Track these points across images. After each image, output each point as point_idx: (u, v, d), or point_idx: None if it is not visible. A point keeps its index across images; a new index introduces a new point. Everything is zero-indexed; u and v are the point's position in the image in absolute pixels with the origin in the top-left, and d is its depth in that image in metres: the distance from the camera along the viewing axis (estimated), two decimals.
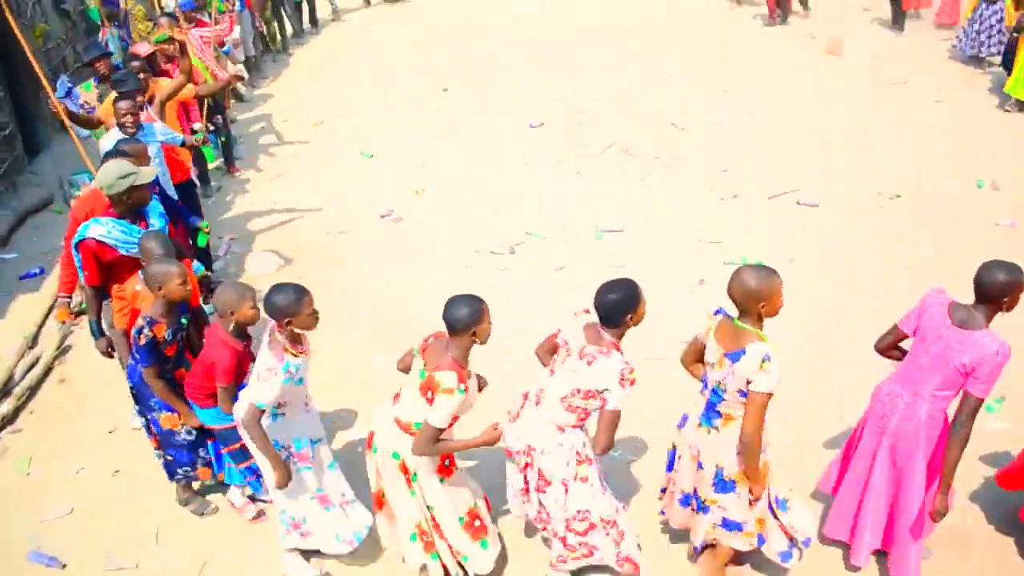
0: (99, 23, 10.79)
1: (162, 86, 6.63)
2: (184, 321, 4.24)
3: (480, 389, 3.75)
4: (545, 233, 7.46)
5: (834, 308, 6.20)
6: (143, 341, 3.96)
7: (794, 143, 9.18)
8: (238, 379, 3.97)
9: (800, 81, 11.05)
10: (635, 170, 8.65)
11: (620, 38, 12.96)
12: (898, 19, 12.88)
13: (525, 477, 3.74)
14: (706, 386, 3.59)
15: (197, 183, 7.21)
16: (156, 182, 5.20)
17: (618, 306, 3.45)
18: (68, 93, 9.77)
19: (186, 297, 4.07)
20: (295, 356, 3.72)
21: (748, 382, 3.31)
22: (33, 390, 5.77)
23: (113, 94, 6.02)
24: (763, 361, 3.25)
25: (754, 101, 10.40)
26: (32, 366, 5.92)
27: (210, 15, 8.87)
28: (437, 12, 14.95)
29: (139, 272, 4.25)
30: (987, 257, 3.56)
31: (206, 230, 5.88)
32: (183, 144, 6.28)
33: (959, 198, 7.91)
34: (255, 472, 4.33)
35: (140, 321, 4.00)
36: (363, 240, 7.52)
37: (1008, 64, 10.24)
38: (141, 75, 6.44)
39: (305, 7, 13.76)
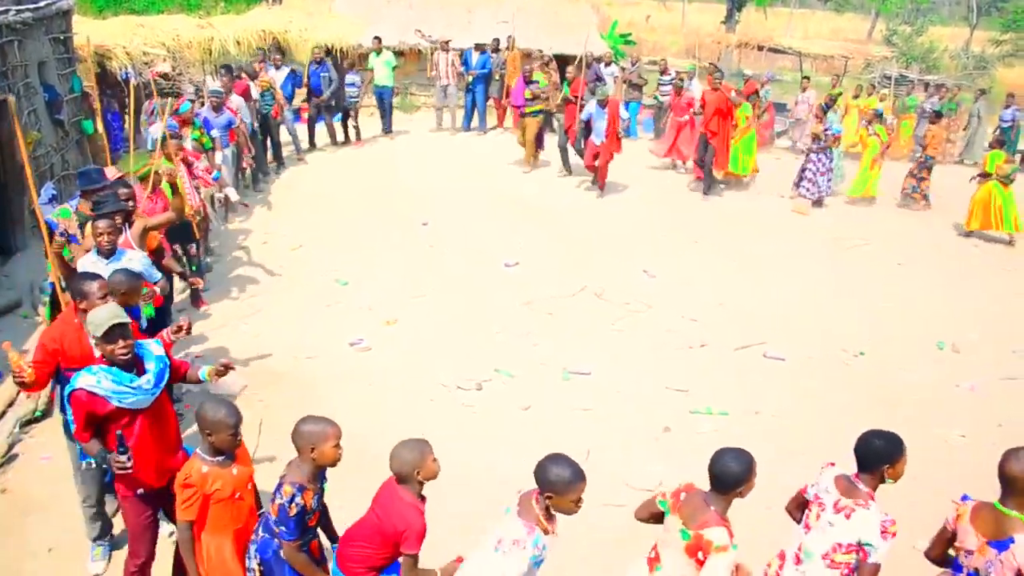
0: (92, 133, 11.05)
1: (148, 218, 6.44)
2: (324, 486, 3.83)
3: None
4: (513, 371, 7.47)
5: (802, 462, 6.18)
6: (294, 512, 3.55)
7: (762, 296, 9.41)
8: None
9: (768, 237, 11.47)
10: (605, 314, 8.78)
11: (594, 194, 13.45)
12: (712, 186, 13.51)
13: None
14: (959, 571, 3.49)
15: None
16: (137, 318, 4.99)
17: (880, 454, 3.46)
18: (52, 200, 9.86)
19: (338, 460, 3.70)
20: (546, 533, 3.36)
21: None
22: None
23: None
24: None
25: (724, 253, 10.74)
26: None
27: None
28: (416, 151, 15.47)
29: (197, 451, 3.81)
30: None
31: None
32: (155, 283, 5.89)
33: (920, 359, 8.10)
34: None
35: (290, 488, 3.58)
36: (330, 367, 7.45)
37: None
38: (129, 203, 6.26)
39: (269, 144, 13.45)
